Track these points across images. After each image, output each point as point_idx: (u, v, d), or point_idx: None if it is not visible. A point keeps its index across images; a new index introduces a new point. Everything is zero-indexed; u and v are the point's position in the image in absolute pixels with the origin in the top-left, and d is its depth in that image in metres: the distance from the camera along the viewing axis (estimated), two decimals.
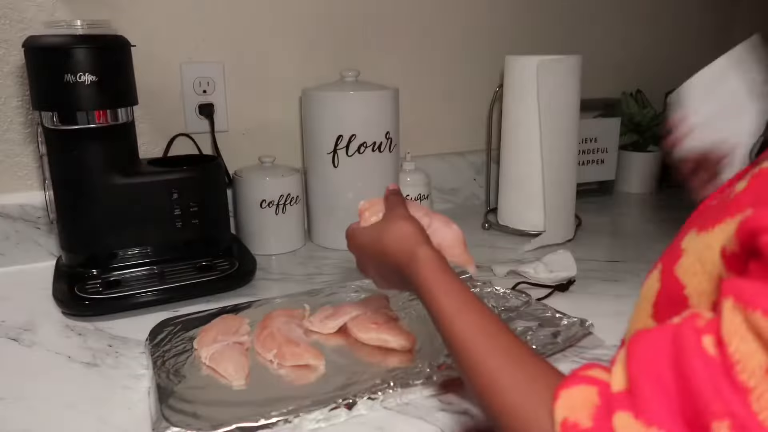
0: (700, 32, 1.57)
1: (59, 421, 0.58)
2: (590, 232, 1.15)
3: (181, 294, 0.84)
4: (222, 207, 0.96)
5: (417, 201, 1.17)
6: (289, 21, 1.10)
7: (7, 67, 0.94)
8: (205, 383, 0.63)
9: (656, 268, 0.48)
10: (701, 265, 0.41)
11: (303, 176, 1.09)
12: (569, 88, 1.05)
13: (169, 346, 0.69)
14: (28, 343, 0.74)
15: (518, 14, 1.31)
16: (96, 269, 0.87)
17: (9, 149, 0.97)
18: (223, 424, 0.54)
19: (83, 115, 0.80)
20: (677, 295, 0.43)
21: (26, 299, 0.86)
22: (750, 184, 0.41)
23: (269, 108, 1.13)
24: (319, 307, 0.77)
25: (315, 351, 0.67)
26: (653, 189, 1.43)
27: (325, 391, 0.60)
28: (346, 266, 0.98)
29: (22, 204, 0.97)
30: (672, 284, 0.44)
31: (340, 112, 1.00)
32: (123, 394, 0.63)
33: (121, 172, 0.86)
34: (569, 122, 1.06)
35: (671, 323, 0.36)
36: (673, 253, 0.46)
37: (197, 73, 1.06)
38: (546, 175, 1.07)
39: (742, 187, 0.42)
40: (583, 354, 0.69)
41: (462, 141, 1.33)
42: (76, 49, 0.77)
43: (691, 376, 0.31)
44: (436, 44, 1.25)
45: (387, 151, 1.03)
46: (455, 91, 1.29)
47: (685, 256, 0.44)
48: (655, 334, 0.36)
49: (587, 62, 1.09)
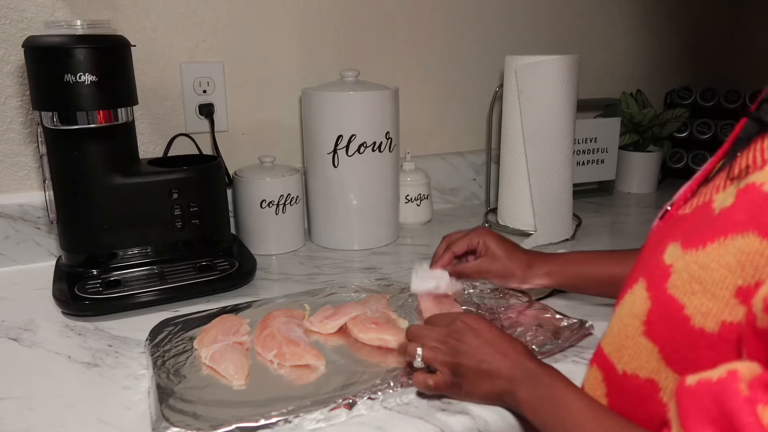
0: (700, 32, 1.57)
1: (59, 421, 0.58)
2: (590, 232, 1.15)
3: (181, 294, 0.84)
4: (222, 207, 0.96)
5: (417, 202, 1.18)
6: (289, 21, 1.10)
7: (7, 67, 0.94)
8: (205, 383, 0.62)
9: (637, 282, 0.48)
10: (700, 285, 0.42)
11: (303, 176, 1.09)
12: (557, 88, 1.04)
13: (169, 346, 0.69)
14: (28, 343, 0.74)
15: (518, 14, 1.31)
16: (96, 269, 0.87)
17: (9, 149, 0.97)
18: (223, 424, 0.54)
19: (83, 115, 0.80)
20: (676, 315, 0.43)
21: (26, 299, 0.86)
22: (739, 201, 0.41)
23: (269, 108, 1.13)
24: (319, 307, 0.77)
25: (315, 351, 0.67)
26: (653, 189, 1.43)
27: (325, 391, 0.60)
28: (346, 266, 0.98)
29: (22, 204, 0.97)
30: (667, 303, 0.44)
31: (340, 112, 1.00)
32: (123, 394, 0.63)
33: (121, 172, 0.86)
34: (559, 122, 1.06)
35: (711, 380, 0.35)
36: (657, 269, 0.46)
37: (197, 73, 1.06)
38: (532, 176, 1.07)
39: (729, 202, 0.42)
40: (583, 354, 0.69)
41: (462, 141, 1.33)
42: (76, 49, 0.77)
43: None
44: (436, 44, 1.25)
45: (387, 151, 1.03)
46: (455, 91, 1.29)
47: (676, 274, 0.44)
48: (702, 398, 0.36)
49: (588, 62, 1.09)
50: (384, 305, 0.78)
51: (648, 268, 0.48)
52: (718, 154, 0.54)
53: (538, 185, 1.08)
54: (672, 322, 0.44)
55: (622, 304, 0.51)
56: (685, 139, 1.47)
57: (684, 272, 0.43)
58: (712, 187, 0.48)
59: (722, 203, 0.43)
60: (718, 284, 0.40)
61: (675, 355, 0.45)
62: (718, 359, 0.40)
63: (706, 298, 0.41)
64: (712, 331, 0.41)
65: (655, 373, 0.47)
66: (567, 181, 1.10)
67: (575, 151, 1.27)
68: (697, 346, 0.42)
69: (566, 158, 1.09)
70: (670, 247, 0.46)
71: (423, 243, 1.10)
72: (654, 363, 0.46)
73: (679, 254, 0.44)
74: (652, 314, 0.46)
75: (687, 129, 1.47)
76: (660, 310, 0.45)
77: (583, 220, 1.19)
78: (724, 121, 1.43)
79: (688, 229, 0.46)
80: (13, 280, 0.93)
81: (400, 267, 0.97)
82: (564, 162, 1.08)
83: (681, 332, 0.43)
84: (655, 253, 0.48)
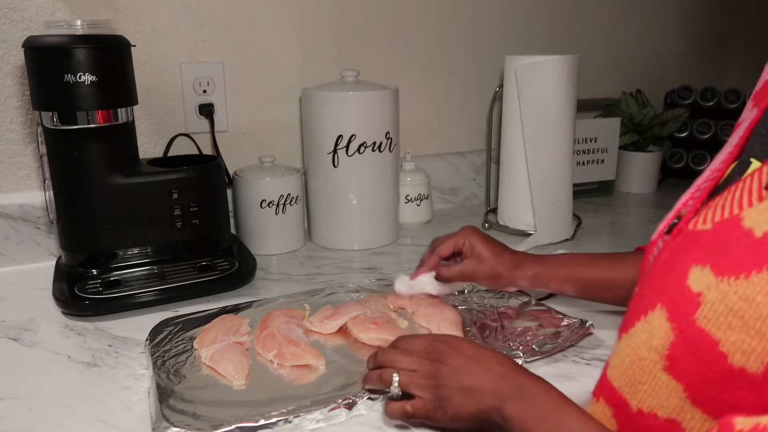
0: (700, 32, 1.57)
1: (59, 421, 0.58)
2: (590, 232, 1.15)
3: (181, 294, 0.84)
4: (222, 207, 0.96)
5: (417, 202, 1.18)
6: (289, 21, 1.10)
7: (7, 67, 0.94)
8: (205, 383, 0.62)
9: (653, 309, 0.43)
10: (741, 320, 0.38)
11: (303, 176, 1.09)
12: (557, 88, 1.04)
13: (169, 346, 0.69)
14: (28, 343, 0.74)
15: (518, 14, 1.31)
16: (96, 269, 0.87)
17: (9, 149, 0.97)
18: (223, 424, 0.54)
19: (83, 115, 0.80)
20: (708, 352, 0.39)
21: (26, 299, 0.86)
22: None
23: (269, 108, 1.13)
24: (319, 307, 0.77)
25: (315, 351, 0.67)
26: (653, 189, 1.43)
27: (325, 391, 0.60)
28: (346, 266, 0.98)
29: (22, 204, 0.97)
30: (695, 337, 0.40)
31: (340, 112, 1.00)
32: (123, 394, 0.63)
33: (121, 172, 0.86)
34: (559, 122, 1.06)
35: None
36: (682, 297, 0.41)
37: (197, 73, 1.06)
38: (532, 176, 1.07)
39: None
40: (583, 354, 0.69)
41: (462, 141, 1.33)
42: (76, 49, 0.77)
43: None
44: (436, 44, 1.25)
45: (387, 151, 1.03)
46: (455, 91, 1.29)
47: (708, 305, 0.39)
48: None
49: (588, 62, 1.09)
50: (384, 305, 0.78)
51: (668, 295, 0.43)
52: (725, 156, 0.50)
53: (538, 185, 1.08)
54: (703, 359, 0.39)
55: (633, 333, 0.46)
56: (685, 139, 1.47)
57: (719, 304, 0.39)
58: (734, 198, 0.43)
59: (764, 224, 0.38)
60: (765, 320, 0.36)
61: (704, 395, 0.40)
62: (761, 402, 0.37)
63: (748, 335, 0.37)
64: (756, 372, 0.37)
65: (677, 413, 0.42)
66: (567, 181, 1.10)
67: (575, 151, 1.27)
68: (735, 387, 0.38)
69: (566, 158, 1.09)
70: (695, 271, 0.41)
71: (423, 243, 1.10)
72: (677, 401, 0.42)
73: (711, 282, 0.40)
74: (677, 348, 0.41)
75: (687, 129, 1.47)
76: (687, 344, 0.40)
77: (583, 220, 1.19)
78: (724, 121, 1.43)
79: (715, 250, 0.41)
80: (13, 280, 0.93)
81: (400, 267, 0.97)
82: (564, 162, 1.08)
83: (714, 371, 0.39)
84: (673, 277, 0.43)
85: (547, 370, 0.66)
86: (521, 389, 0.51)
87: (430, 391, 0.54)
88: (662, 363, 0.42)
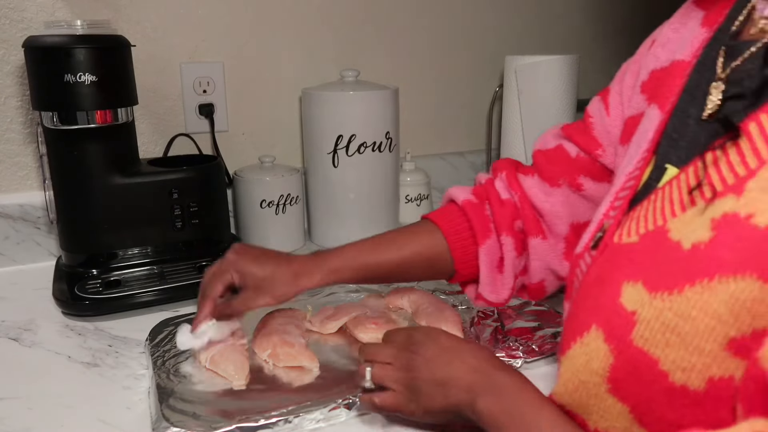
0: None
1: (59, 421, 0.58)
2: None
3: (181, 294, 0.84)
4: (222, 207, 0.96)
5: (417, 202, 1.18)
6: (289, 21, 1.10)
7: (7, 67, 0.94)
8: (206, 383, 0.62)
9: (588, 331, 0.42)
10: (678, 337, 0.36)
11: (303, 176, 1.09)
12: (557, 88, 1.04)
13: (169, 346, 0.69)
14: (28, 343, 0.74)
15: (518, 14, 1.31)
16: (96, 269, 0.87)
17: (9, 149, 0.97)
18: (223, 424, 0.54)
19: (83, 115, 0.80)
20: (649, 371, 0.38)
21: (26, 299, 0.86)
22: (721, 236, 0.36)
23: (269, 108, 1.13)
24: (320, 307, 0.77)
25: (309, 353, 0.67)
26: None
27: (324, 391, 0.60)
28: None
29: (22, 204, 0.97)
30: (634, 358, 0.39)
31: (340, 112, 1.00)
32: (123, 394, 0.63)
33: (121, 172, 0.86)
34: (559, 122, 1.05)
35: None
36: (616, 316, 0.40)
37: (197, 73, 1.06)
38: None
39: (704, 237, 0.36)
40: None
41: (462, 141, 1.33)
42: (76, 49, 0.77)
43: None
44: (436, 44, 1.25)
45: (387, 151, 1.03)
46: (455, 91, 1.29)
47: (644, 323, 0.38)
48: None
49: (588, 62, 1.09)
50: (384, 305, 0.78)
51: (602, 315, 0.41)
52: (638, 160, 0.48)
53: None
54: (644, 380, 0.38)
55: (571, 356, 0.44)
56: None
57: (655, 321, 0.37)
58: (655, 208, 0.42)
59: (691, 236, 0.37)
60: (702, 336, 0.35)
61: (650, 416, 0.39)
62: (705, 418, 0.36)
63: (687, 351, 0.36)
64: (698, 389, 0.36)
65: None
66: None
67: None
68: (678, 405, 0.37)
69: None
70: (628, 288, 0.40)
71: None
72: (625, 423, 0.41)
73: (644, 299, 0.38)
74: (617, 371, 0.40)
75: None
76: (627, 365, 0.39)
77: None
78: None
79: (646, 265, 0.40)
80: (13, 280, 0.93)
81: None
82: None
83: (656, 390, 0.38)
84: (606, 295, 0.41)
85: (547, 370, 0.65)
86: (495, 384, 0.48)
87: (403, 383, 0.52)
88: (605, 386, 0.41)
